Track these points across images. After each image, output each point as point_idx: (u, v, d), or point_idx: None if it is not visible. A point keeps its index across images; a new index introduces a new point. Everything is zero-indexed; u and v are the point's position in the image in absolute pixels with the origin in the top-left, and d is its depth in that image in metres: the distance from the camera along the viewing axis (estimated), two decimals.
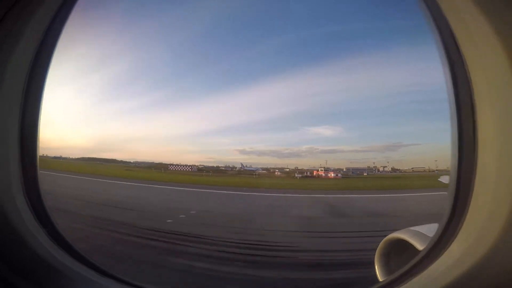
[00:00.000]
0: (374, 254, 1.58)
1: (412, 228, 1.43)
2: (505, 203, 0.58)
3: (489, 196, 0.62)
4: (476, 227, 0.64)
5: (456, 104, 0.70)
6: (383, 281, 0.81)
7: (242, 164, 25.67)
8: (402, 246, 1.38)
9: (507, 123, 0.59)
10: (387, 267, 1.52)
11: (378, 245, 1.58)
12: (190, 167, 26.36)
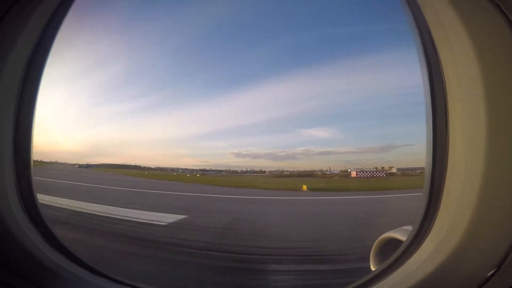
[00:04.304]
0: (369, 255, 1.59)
1: (405, 227, 1.44)
2: (471, 201, 0.59)
3: (457, 193, 0.64)
4: (446, 223, 0.66)
5: (432, 105, 0.72)
6: (359, 280, 0.83)
7: (330, 168, 24.41)
8: (396, 245, 1.39)
9: (474, 124, 0.60)
10: None
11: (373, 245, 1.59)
12: (383, 172, 21.08)
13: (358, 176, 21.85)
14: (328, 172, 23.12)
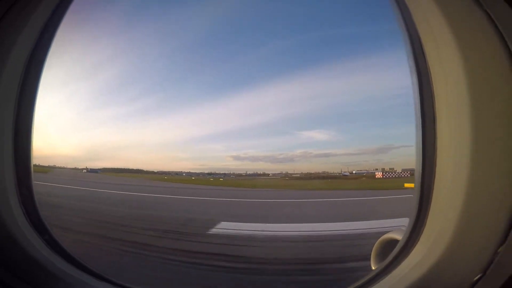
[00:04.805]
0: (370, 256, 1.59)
1: (404, 228, 1.44)
2: (457, 207, 0.60)
3: (445, 200, 0.65)
4: (435, 229, 0.67)
5: (421, 111, 0.73)
6: (358, 282, 0.83)
7: (341, 170, 24.53)
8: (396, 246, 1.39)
9: (460, 129, 0.61)
10: None
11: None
12: (407, 172, 21.54)
13: (384, 176, 22.09)
14: (340, 174, 23.03)
